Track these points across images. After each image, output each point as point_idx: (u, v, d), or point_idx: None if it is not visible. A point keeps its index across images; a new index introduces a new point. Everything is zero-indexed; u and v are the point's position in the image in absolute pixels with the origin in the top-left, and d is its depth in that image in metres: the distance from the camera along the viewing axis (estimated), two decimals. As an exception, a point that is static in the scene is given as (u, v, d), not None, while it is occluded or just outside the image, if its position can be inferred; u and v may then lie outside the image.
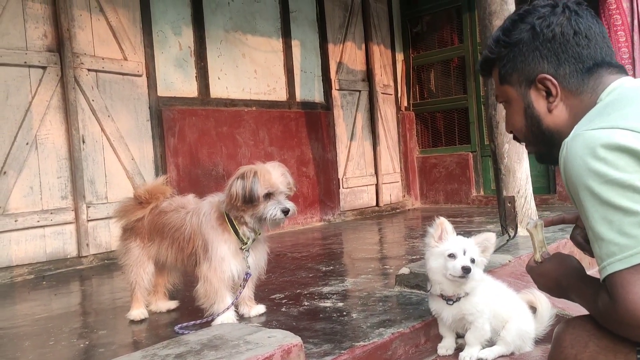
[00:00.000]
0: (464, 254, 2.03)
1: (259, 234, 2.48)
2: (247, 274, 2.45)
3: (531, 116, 1.36)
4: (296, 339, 1.86)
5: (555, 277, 1.40)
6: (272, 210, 2.33)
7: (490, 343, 2.17)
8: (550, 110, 1.33)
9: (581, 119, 1.22)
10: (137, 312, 2.69)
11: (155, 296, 2.85)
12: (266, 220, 2.37)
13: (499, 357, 2.14)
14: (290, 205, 2.37)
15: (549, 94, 1.32)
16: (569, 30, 1.29)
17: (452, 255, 2.03)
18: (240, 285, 2.47)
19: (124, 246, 2.70)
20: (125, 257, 2.68)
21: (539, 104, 1.34)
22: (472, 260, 2.03)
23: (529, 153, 1.49)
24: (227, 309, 2.39)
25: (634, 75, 5.90)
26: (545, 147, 1.37)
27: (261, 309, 2.64)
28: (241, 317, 2.54)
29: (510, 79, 1.38)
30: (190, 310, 2.73)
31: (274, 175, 2.36)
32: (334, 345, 2.08)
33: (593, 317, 1.24)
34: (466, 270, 1.99)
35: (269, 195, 2.34)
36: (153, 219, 2.61)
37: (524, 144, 1.47)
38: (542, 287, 1.47)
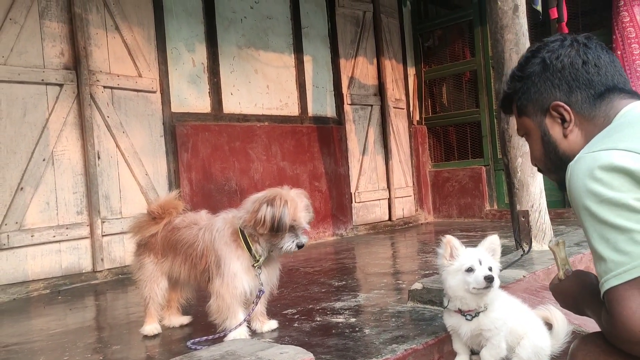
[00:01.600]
0: (481, 264, 2.02)
1: (271, 251, 2.48)
2: (260, 291, 2.44)
3: (548, 143, 1.42)
4: (308, 355, 1.85)
5: (573, 294, 1.43)
6: (288, 243, 2.35)
7: (505, 360, 2.15)
8: (565, 136, 1.38)
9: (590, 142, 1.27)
10: (151, 327, 2.70)
11: (168, 311, 2.86)
12: (280, 250, 2.39)
13: (514, 374, 2.12)
14: (305, 240, 2.39)
15: (563, 120, 1.38)
16: (578, 60, 1.36)
17: (470, 269, 2.02)
18: (253, 302, 2.47)
19: (138, 261, 2.72)
20: (139, 273, 2.70)
21: (555, 130, 1.40)
22: (490, 269, 2.02)
23: (555, 183, 1.56)
24: (240, 325, 2.39)
25: (649, 88, 5.85)
26: (564, 173, 1.39)
27: (273, 324, 2.63)
28: (253, 333, 2.53)
29: (526, 110, 1.45)
30: (203, 326, 2.73)
31: (299, 208, 2.36)
32: (346, 362, 2.07)
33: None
34: (489, 279, 1.98)
35: (290, 228, 2.35)
36: (166, 235, 2.63)
37: (546, 173, 1.53)
38: (564, 304, 1.51)
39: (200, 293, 2.88)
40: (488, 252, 2.08)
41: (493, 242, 2.10)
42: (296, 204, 2.35)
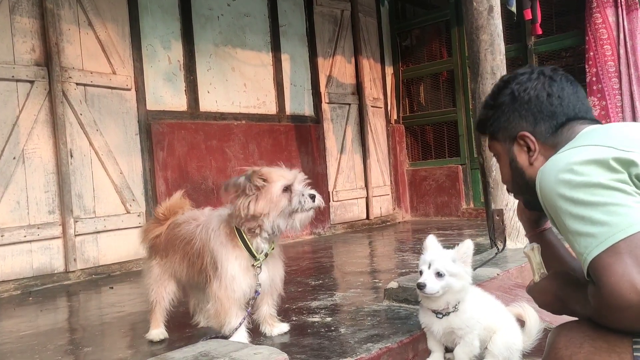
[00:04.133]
0: (429, 267, 1.99)
1: (273, 248, 2.34)
2: (256, 292, 2.29)
3: (515, 168, 1.53)
4: (282, 355, 1.84)
5: (553, 290, 1.45)
6: (299, 199, 2.18)
7: (479, 358, 2.16)
8: (531, 163, 1.48)
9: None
10: (157, 332, 2.56)
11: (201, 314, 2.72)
12: (297, 213, 2.20)
13: (487, 371, 2.14)
14: (313, 191, 2.22)
15: (529, 149, 1.48)
16: (543, 93, 1.46)
17: (420, 272, 2.01)
18: (249, 304, 2.31)
19: (147, 265, 2.60)
20: (147, 277, 2.57)
21: (521, 157, 1.51)
22: (439, 274, 1.98)
23: (522, 202, 1.67)
24: (237, 329, 2.25)
25: (620, 88, 5.97)
26: (531, 195, 1.46)
27: (284, 327, 2.48)
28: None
29: (497, 136, 1.57)
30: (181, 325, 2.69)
31: (283, 170, 2.24)
32: (321, 361, 2.06)
33: (587, 320, 1.29)
34: (419, 286, 1.96)
35: (288, 189, 2.20)
36: (168, 232, 2.52)
37: (515, 194, 1.63)
38: (542, 304, 1.53)
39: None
40: (462, 258, 2.06)
41: (469, 247, 2.08)
42: (273, 169, 2.24)
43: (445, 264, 2.01)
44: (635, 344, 1.15)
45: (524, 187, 1.53)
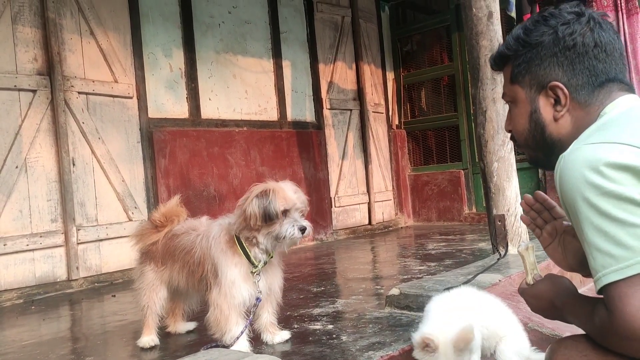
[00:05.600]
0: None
1: (271, 257, 2.37)
2: (257, 299, 2.32)
3: (536, 121, 1.35)
4: (283, 365, 1.84)
5: (549, 297, 1.39)
6: (289, 228, 2.22)
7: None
8: (556, 119, 1.32)
9: (582, 133, 1.22)
10: (147, 338, 2.59)
11: (173, 318, 2.79)
12: (284, 239, 2.25)
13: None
14: (306, 223, 2.26)
15: (557, 102, 1.31)
16: (591, 41, 1.27)
17: None
18: (251, 312, 2.34)
19: (139, 270, 2.63)
20: (139, 281, 2.61)
21: (546, 110, 1.33)
22: None
23: (526, 156, 1.48)
24: (237, 338, 2.26)
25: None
26: (544, 154, 1.37)
27: (285, 335, 2.48)
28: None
29: (522, 79, 1.36)
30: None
31: (289, 192, 2.27)
32: (322, 370, 2.06)
33: (585, 337, 1.23)
34: None
35: (285, 213, 2.24)
36: (166, 242, 2.54)
37: (521, 146, 1.46)
38: (535, 308, 1.47)
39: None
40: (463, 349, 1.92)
41: (469, 338, 1.87)
42: (283, 189, 2.26)
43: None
44: None
45: (539, 144, 1.37)
